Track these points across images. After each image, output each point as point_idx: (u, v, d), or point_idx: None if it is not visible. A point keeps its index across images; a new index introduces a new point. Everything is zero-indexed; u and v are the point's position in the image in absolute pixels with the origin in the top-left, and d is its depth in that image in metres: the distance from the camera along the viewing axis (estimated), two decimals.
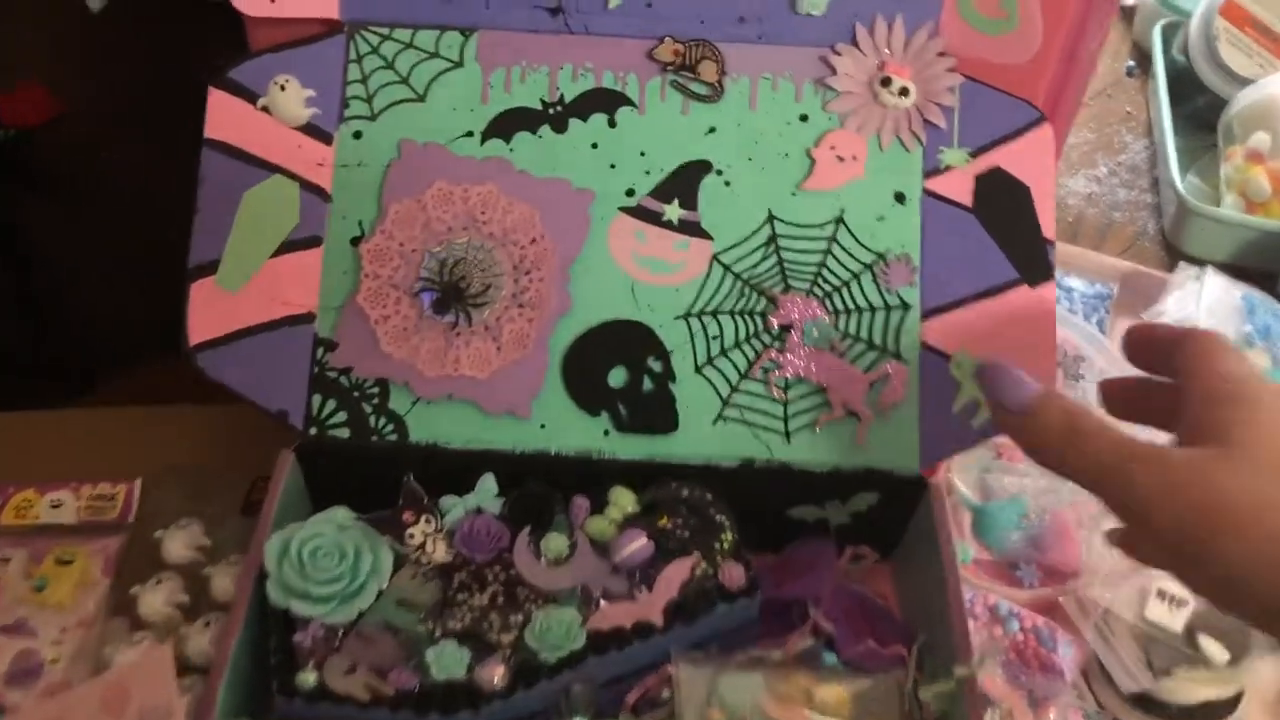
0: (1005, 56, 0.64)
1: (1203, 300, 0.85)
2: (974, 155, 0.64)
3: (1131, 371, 0.55)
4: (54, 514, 0.70)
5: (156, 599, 0.64)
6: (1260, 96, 1.00)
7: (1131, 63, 1.18)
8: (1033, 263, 0.63)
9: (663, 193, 0.64)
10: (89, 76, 0.82)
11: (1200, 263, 0.92)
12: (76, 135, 0.84)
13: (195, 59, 0.65)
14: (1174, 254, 0.99)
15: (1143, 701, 0.68)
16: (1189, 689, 0.67)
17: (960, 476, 0.76)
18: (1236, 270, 0.91)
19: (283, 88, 0.63)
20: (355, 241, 0.63)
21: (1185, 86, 1.09)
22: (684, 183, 0.64)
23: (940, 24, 0.64)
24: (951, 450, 0.62)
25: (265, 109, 0.64)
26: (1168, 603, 0.69)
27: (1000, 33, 0.64)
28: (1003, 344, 0.62)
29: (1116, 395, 0.56)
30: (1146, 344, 0.54)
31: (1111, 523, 0.50)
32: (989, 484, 0.74)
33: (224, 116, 0.64)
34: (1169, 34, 1.14)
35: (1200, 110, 1.08)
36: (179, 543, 0.65)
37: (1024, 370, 0.54)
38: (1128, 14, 1.21)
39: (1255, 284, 0.89)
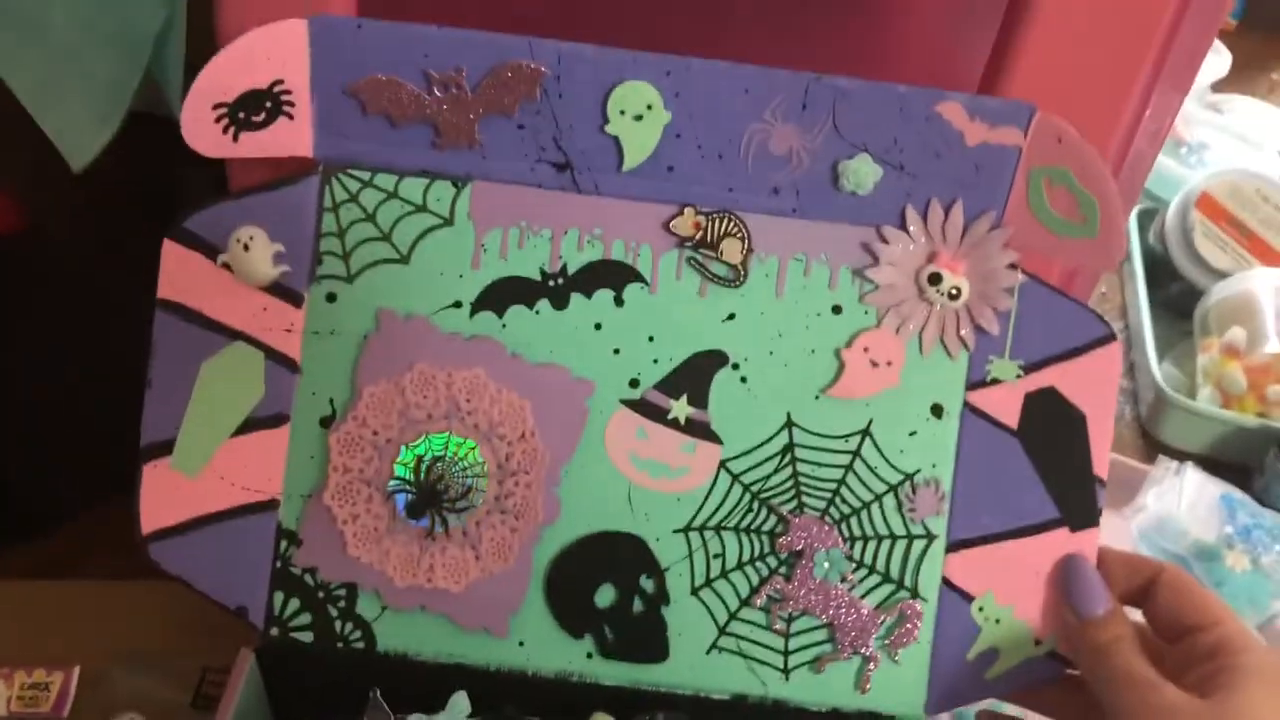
0: (1080, 263, 0.56)
1: (1183, 498, 0.85)
2: (1027, 370, 0.57)
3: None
4: None
5: None
6: (1236, 291, 1.01)
7: None
8: (1078, 504, 0.57)
9: (671, 386, 0.57)
10: (65, 197, 0.73)
11: (1178, 452, 0.94)
12: (44, 254, 0.76)
13: (180, 195, 0.57)
14: (1150, 441, 0.99)
15: None
16: None
17: None
18: (1213, 463, 0.92)
19: (246, 246, 0.56)
20: (325, 421, 0.57)
21: (1161, 273, 1.10)
22: (695, 376, 0.57)
23: (1005, 216, 0.56)
24: (961, 701, 0.58)
25: (227, 266, 0.56)
26: None
27: (1074, 236, 0.55)
28: (1033, 591, 0.57)
29: None
30: (1121, 571, 0.56)
31: None
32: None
33: (180, 274, 0.56)
34: (1145, 220, 1.16)
35: (1175, 298, 1.09)
36: None
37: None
38: None
39: (1232, 477, 0.90)
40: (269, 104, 0.55)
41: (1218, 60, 1.47)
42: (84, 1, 0.57)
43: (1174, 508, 0.84)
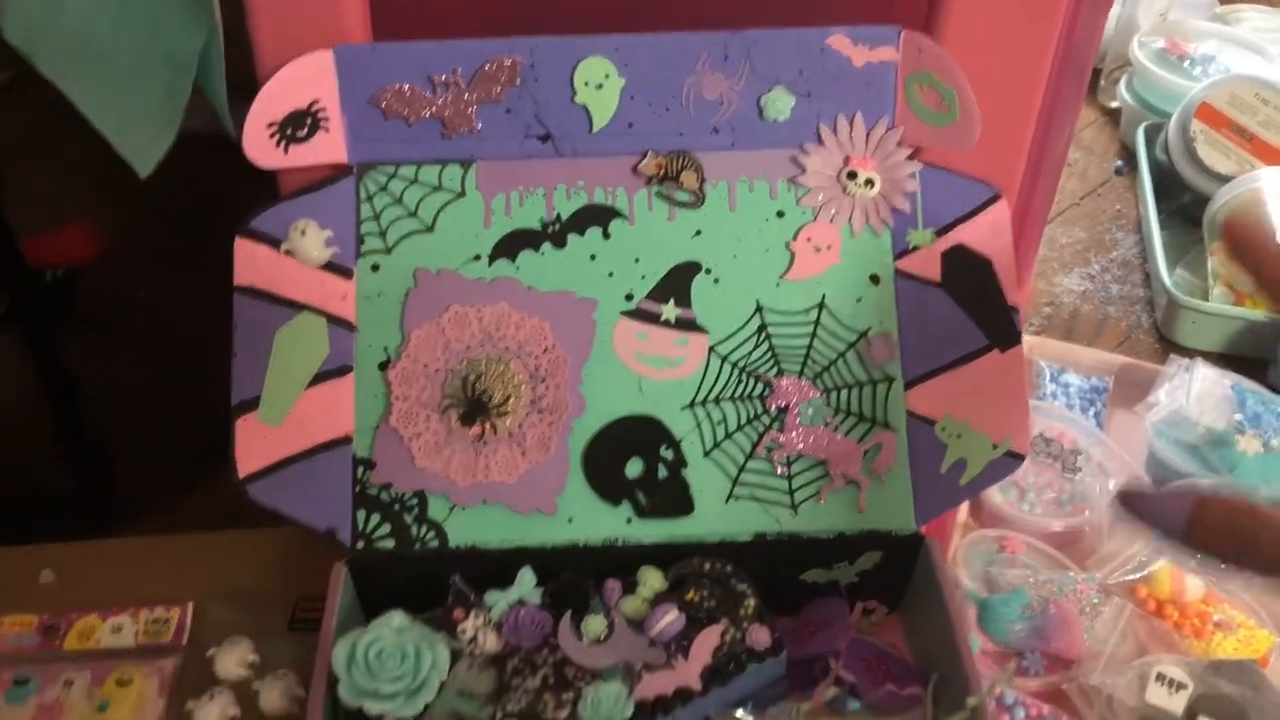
0: (951, 146, 0.75)
1: (1192, 391, 0.96)
2: (939, 234, 0.75)
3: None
4: (115, 638, 0.81)
5: (211, 713, 0.75)
6: (1239, 193, 1.13)
7: (1120, 162, 1.34)
8: (1001, 329, 0.74)
9: (659, 294, 0.75)
10: (134, 217, 0.91)
11: (1196, 353, 1.04)
12: (120, 273, 0.94)
13: (233, 201, 0.75)
14: (1168, 345, 1.12)
15: None
16: None
17: (965, 570, 0.88)
18: (1230, 359, 1.03)
19: (303, 232, 0.74)
20: (383, 366, 0.74)
21: (1169, 184, 1.22)
22: (677, 283, 0.76)
23: (895, 118, 0.76)
24: (944, 507, 0.74)
25: (289, 253, 0.74)
26: (1167, 686, 0.77)
27: (945, 124, 0.75)
28: (981, 406, 0.73)
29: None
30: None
31: None
32: (993, 577, 0.85)
33: (251, 263, 0.74)
34: (1151, 134, 1.28)
35: (1185, 206, 1.22)
36: (230, 659, 0.77)
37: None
38: (1114, 116, 1.39)
39: (1248, 372, 1.00)
40: (309, 121, 0.75)
41: None
42: (138, 28, 0.73)
43: (1183, 401, 0.96)
